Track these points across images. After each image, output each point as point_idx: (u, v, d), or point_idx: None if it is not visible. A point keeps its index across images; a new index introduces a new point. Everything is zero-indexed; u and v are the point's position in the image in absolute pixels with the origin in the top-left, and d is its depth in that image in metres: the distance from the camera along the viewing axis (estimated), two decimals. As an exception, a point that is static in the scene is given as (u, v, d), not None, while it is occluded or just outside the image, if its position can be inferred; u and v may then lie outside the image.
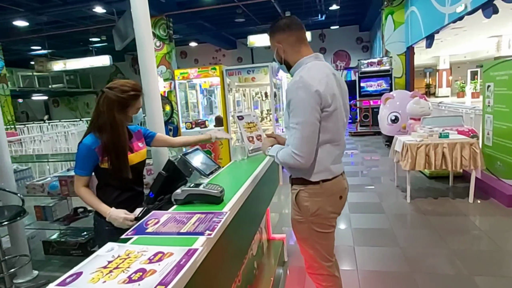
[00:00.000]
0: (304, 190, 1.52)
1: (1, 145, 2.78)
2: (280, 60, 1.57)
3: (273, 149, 1.57)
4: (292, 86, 1.40)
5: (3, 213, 2.47)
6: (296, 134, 1.37)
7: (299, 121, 1.36)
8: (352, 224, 3.37)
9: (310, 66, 1.47)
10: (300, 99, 1.36)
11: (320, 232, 1.56)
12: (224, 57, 16.28)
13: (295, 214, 1.58)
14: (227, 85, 5.45)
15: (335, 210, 1.59)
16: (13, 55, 15.70)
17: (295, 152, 1.37)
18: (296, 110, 1.37)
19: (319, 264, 1.62)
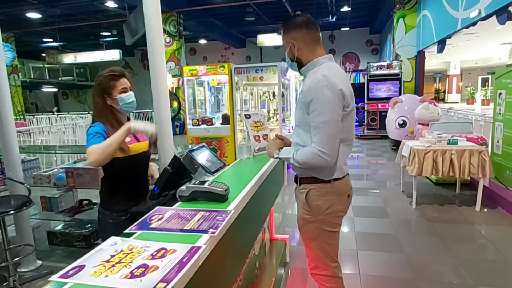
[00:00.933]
0: (315, 189, 1.52)
1: (10, 136, 2.81)
2: (293, 57, 1.55)
3: (285, 151, 1.55)
4: (316, 84, 1.38)
5: (10, 202, 2.50)
6: (322, 132, 1.37)
7: (325, 120, 1.36)
8: (355, 228, 3.35)
9: (328, 66, 1.48)
10: (325, 97, 1.36)
11: (329, 231, 1.57)
12: (233, 56, 16.29)
13: (304, 214, 1.57)
14: (235, 83, 5.44)
15: (344, 209, 1.62)
16: (25, 47, 15.87)
17: (321, 150, 1.36)
18: (322, 109, 1.37)
19: (325, 265, 1.62)
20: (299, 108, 1.52)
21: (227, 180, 1.62)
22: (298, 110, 1.54)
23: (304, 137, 1.50)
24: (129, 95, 1.70)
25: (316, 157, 1.38)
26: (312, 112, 1.40)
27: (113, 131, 1.62)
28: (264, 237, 2.42)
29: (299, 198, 1.60)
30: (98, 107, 1.68)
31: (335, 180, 1.53)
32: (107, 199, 1.76)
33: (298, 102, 1.57)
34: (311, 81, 1.42)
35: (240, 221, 1.27)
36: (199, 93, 6.59)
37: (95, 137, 1.59)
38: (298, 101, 1.58)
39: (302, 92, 1.48)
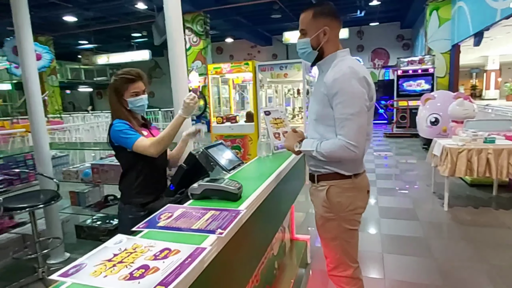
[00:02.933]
0: (335, 186, 1.48)
1: (40, 134, 2.93)
2: (316, 46, 1.45)
3: (306, 143, 1.49)
4: (343, 76, 1.34)
5: (39, 197, 2.60)
6: (352, 124, 1.32)
7: (354, 111, 1.32)
8: (381, 230, 3.20)
9: (350, 59, 1.45)
10: (354, 89, 1.33)
11: (350, 229, 1.52)
12: (259, 54, 16.26)
13: (324, 212, 1.52)
14: (259, 80, 5.40)
15: (364, 205, 1.57)
16: (63, 49, 16.68)
17: (350, 143, 1.32)
18: (350, 101, 1.33)
19: (346, 265, 1.56)
20: (318, 102, 1.47)
21: (243, 178, 1.58)
22: (316, 104, 1.49)
23: (324, 131, 1.45)
24: (139, 99, 1.73)
25: (344, 150, 1.34)
26: (338, 105, 1.35)
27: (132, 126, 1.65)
28: (283, 237, 2.36)
29: (318, 196, 1.54)
30: (113, 104, 1.74)
31: (356, 175, 1.49)
32: (125, 194, 1.78)
33: (315, 95, 1.51)
34: (335, 73, 1.37)
35: (254, 221, 1.22)
36: (224, 91, 6.62)
37: (130, 131, 1.66)
38: (315, 95, 1.52)
39: (323, 85, 1.41)
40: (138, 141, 1.64)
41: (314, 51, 1.47)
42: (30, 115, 2.90)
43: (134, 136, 1.64)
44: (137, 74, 1.73)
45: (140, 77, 1.75)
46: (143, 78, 1.76)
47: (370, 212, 3.60)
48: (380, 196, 4.16)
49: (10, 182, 2.97)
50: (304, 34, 1.47)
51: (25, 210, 2.45)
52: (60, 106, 15.57)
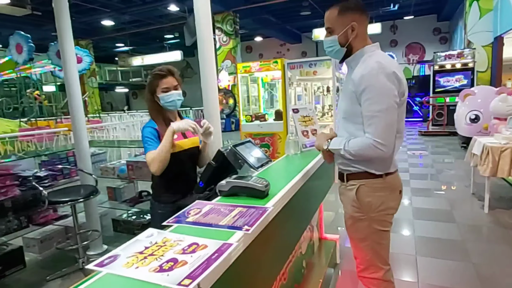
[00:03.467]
0: (365, 185, 1.44)
1: (81, 132, 3.10)
2: (344, 43, 1.41)
3: (335, 142, 1.46)
4: (371, 72, 1.30)
5: (80, 191, 2.76)
6: (379, 122, 1.28)
7: (382, 108, 1.28)
8: (415, 231, 3.08)
9: (379, 54, 1.40)
10: (381, 85, 1.29)
11: (381, 230, 1.48)
12: (288, 52, 16.17)
13: (354, 211, 1.48)
14: (288, 78, 5.37)
15: (396, 206, 1.51)
16: (101, 52, 17.55)
17: (378, 141, 1.28)
18: (378, 97, 1.29)
19: (376, 267, 1.52)
20: (346, 99, 1.44)
21: (271, 175, 1.59)
22: (345, 102, 1.46)
23: (353, 129, 1.42)
24: (169, 94, 1.75)
25: (371, 149, 1.30)
26: (366, 101, 1.31)
27: (161, 127, 1.70)
28: (312, 236, 2.34)
29: (347, 196, 1.51)
30: (148, 102, 1.80)
31: (387, 174, 1.45)
32: (156, 191, 1.85)
33: (344, 93, 1.49)
34: (363, 69, 1.33)
35: (281, 218, 1.23)
36: (253, 89, 6.65)
37: (148, 143, 1.71)
38: (344, 92, 1.49)
39: (350, 82, 1.38)
40: (148, 154, 1.68)
41: (342, 48, 1.43)
42: (71, 115, 3.08)
43: (150, 146, 1.69)
44: (167, 70, 1.77)
45: (171, 73, 1.78)
46: (174, 74, 1.79)
47: (403, 213, 3.47)
48: (414, 197, 4.00)
49: (54, 177, 3.18)
50: (330, 32, 1.43)
51: (66, 203, 2.62)
52: (99, 106, 16.39)
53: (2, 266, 2.70)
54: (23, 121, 9.48)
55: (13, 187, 2.78)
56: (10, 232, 2.88)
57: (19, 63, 7.55)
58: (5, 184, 2.74)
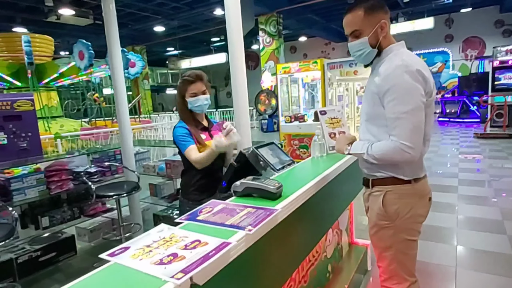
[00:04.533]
0: (392, 191, 1.38)
1: (126, 132, 3.36)
2: (375, 43, 1.34)
3: (356, 146, 1.42)
4: (394, 71, 1.25)
5: (123, 187, 2.99)
6: (406, 123, 1.23)
7: (408, 109, 1.23)
8: (458, 241, 2.87)
9: (404, 52, 1.34)
10: (407, 84, 1.23)
11: (407, 239, 1.41)
12: (333, 51, 15.82)
13: (379, 219, 1.43)
14: (327, 79, 5.29)
15: (425, 214, 1.44)
16: (154, 56, 18.65)
17: (405, 143, 1.22)
18: (403, 97, 1.23)
19: (401, 278, 1.45)
20: (368, 101, 1.40)
21: (290, 177, 1.61)
22: (367, 103, 1.41)
23: (376, 132, 1.38)
24: (196, 99, 1.86)
25: (398, 152, 1.24)
26: (390, 102, 1.26)
27: (191, 127, 1.82)
28: (340, 240, 2.30)
29: (373, 202, 1.46)
30: (178, 104, 1.93)
31: (416, 180, 1.38)
32: (185, 189, 1.96)
33: (366, 94, 1.44)
34: (386, 69, 1.29)
35: (292, 222, 1.24)
36: (294, 90, 6.65)
37: (185, 140, 1.84)
38: (366, 94, 1.44)
39: (373, 83, 1.35)
40: (188, 149, 1.81)
41: (374, 49, 1.36)
42: (118, 116, 3.35)
43: (187, 143, 1.82)
44: (196, 76, 1.88)
45: (199, 78, 1.88)
46: (202, 80, 1.89)
47: (446, 220, 3.25)
48: (461, 204, 3.72)
49: (103, 173, 3.47)
50: (357, 36, 1.36)
51: (111, 198, 2.85)
52: (151, 107, 17.43)
53: (56, 252, 3.02)
54: (85, 121, 10.42)
55: (68, 181, 3.10)
56: (65, 221, 3.20)
57: (81, 69, 8.30)
58: (61, 178, 3.06)
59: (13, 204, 2.74)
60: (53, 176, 3.00)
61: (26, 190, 2.82)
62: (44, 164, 3.03)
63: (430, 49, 13.21)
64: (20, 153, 3.91)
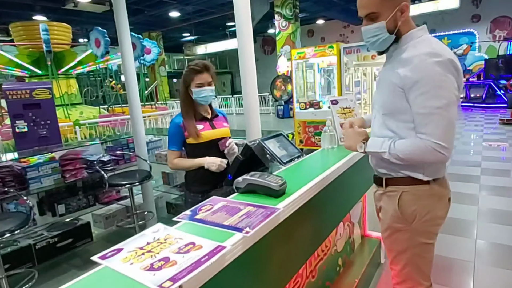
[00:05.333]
0: (409, 192, 1.27)
1: (138, 121, 3.36)
2: (393, 29, 1.20)
3: (374, 144, 1.27)
4: (425, 60, 1.11)
5: (135, 176, 3.01)
6: (440, 120, 1.10)
7: (442, 104, 1.10)
8: (478, 235, 2.75)
9: (430, 39, 1.19)
10: (440, 76, 1.10)
11: (424, 243, 1.30)
12: (352, 34, 15.29)
13: (394, 222, 1.32)
14: (343, 64, 5.10)
15: (444, 216, 1.32)
16: (170, 42, 18.63)
17: (439, 143, 1.09)
18: (436, 91, 1.10)
19: (415, 282, 1.35)
20: (387, 93, 1.24)
21: (298, 171, 1.54)
22: (385, 96, 1.26)
23: (396, 128, 1.24)
24: (202, 90, 1.81)
25: (430, 152, 1.11)
26: (420, 96, 1.12)
27: (187, 121, 1.77)
28: (351, 233, 2.24)
29: (387, 203, 1.34)
30: (181, 94, 1.88)
31: (435, 180, 1.26)
32: (187, 181, 1.96)
33: (382, 86, 1.28)
34: (412, 58, 1.14)
35: (295, 220, 1.19)
36: (309, 75, 6.48)
37: (171, 142, 1.90)
38: (382, 85, 1.28)
39: (393, 73, 1.19)
40: (170, 152, 1.91)
41: (391, 36, 1.21)
42: (129, 105, 3.35)
43: (171, 146, 1.90)
44: (203, 66, 1.82)
45: (207, 69, 1.83)
46: (209, 70, 1.84)
47: (466, 212, 3.12)
48: (482, 195, 3.55)
49: (116, 162, 3.51)
50: (373, 19, 1.21)
51: (124, 186, 2.88)
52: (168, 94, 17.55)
53: (73, 238, 3.11)
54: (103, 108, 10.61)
55: (82, 170, 3.15)
56: (80, 209, 3.28)
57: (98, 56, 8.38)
58: (76, 167, 3.11)
59: (30, 192, 2.81)
60: (68, 165, 3.05)
61: (42, 179, 2.88)
62: (59, 153, 3.08)
63: (455, 31, 12.54)
64: (41, 141, 4.01)
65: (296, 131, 6.03)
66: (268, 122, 11.58)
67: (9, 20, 10.03)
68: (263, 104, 14.45)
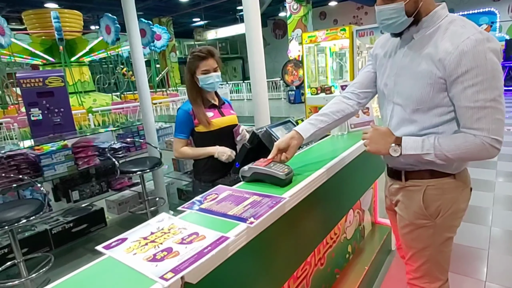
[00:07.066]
0: (434, 186, 1.18)
1: (147, 108, 3.36)
2: (413, 11, 1.06)
3: (413, 144, 1.08)
4: (476, 47, 0.97)
5: (146, 163, 3.04)
6: (494, 114, 1.00)
7: (495, 96, 0.99)
8: (493, 223, 2.69)
9: (464, 20, 1.06)
10: (492, 65, 0.98)
11: (448, 237, 1.23)
12: (366, 16, 14.81)
13: (417, 218, 1.22)
14: (356, 47, 4.96)
15: (466, 207, 1.25)
16: (180, 27, 18.47)
17: (496, 138, 1.00)
18: (490, 82, 0.98)
19: (432, 277, 1.28)
20: (424, 84, 1.08)
21: (306, 159, 1.51)
22: (421, 87, 1.09)
23: (428, 123, 1.12)
24: (208, 76, 1.77)
25: (486, 149, 1.01)
26: (471, 88, 0.99)
27: (196, 108, 1.74)
28: (361, 220, 2.22)
29: (408, 198, 1.24)
30: (187, 81, 1.84)
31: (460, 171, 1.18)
32: (196, 170, 1.94)
33: (416, 74, 1.10)
34: (458, 43, 0.99)
35: (302, 209, 1.17)
36: (321, 59, 6.35)
37: (178, 130, 1.87)
38: (415, 73, 1.10)
39: (429, 61, 1.06)
40: (177, 140, 1.88)
41: (409, 18, 1.07)
42: (138, 92, 3.35)
43: (177, 134, 1.87)
44: (208, 52, 1.78)
45: (211, 54, 1.79)
46: (214, 56, 1.80)
47: (482, 199, 3.04)
48: (499, 182, 3.45)
49: (127, 149, 3.55)
50: None
51: (135, 173, 2.91)
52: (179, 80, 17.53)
53: (88, 223, 3.19)
54: (115, 95, 10.70)
55: (94, 157, 3.20)
56: (94, 195, 3.35)
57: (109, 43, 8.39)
58: (88, 154, 3.16)
59: (44, 179, 2.88)
60: (80, 152, 3.10)
61: (55, 166, 2.94)
62: (71, 141, 3.13)
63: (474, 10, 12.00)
64: (55, 128, 4.10)
65: (307, 116, 5.96)
66: (279, 107, 11.48)
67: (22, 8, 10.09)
68: (274, 90, 14.30)
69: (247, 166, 1.26)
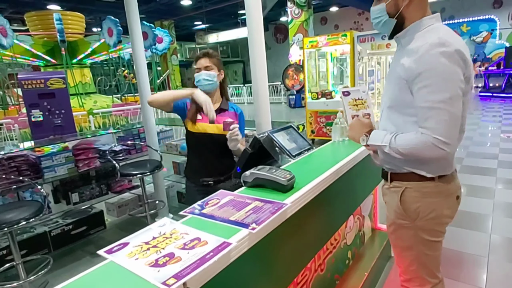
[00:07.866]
0: (412, 188, 1.23)
1: (148, 110, 3.37)
2: (394, 13, 1.15)
3: (376, 136, 1.23)
4: (429, 51, 1.05)
5: (146, 166, 3.04)
6: (441, 115, 1.05)
7: (444, 98, 1.04)
8: (492, 230, 2.68)
9: (440, 28, 1.12)
10: (444, 68, 1.04)
11: (430, 240, 1.26)
12: (366, 21, 14.89)
13: (397, 217, 1.29)
14: (357, 52, 4.98)
15: (451, 214, 1.27)
16: (182, 31, 18.56)
17: (439, 139, 1.04)
18: (439, 84, 1.04)
19: (422, 280, 1.32)
20: (394, 85, 1.19)
21: (307, 165, 1.52)
22: (392, 87, 1.21)
23: (398, 121, 1.21)
24: (198, 75, 1.85)
25: (430, 148, 1.07)
26: (422, 89, 1.07)
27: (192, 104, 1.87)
28: (361, 226, 2.22)
29: (390, 198, 1.31)
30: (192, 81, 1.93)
31: (441, 177, 1.21)
32: (185, 168, 2.02)
33: (390, 77, 1.24)
34: (417, 48, 1.08)
35: (303, 215, 1.17)
36: (322, 64, 6.37)
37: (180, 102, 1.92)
38: (390, 76, 1.24)
39: (399, 64, 1.15)
40: None
41: (391, 19, 1.16)
42: (139, 94, 3.35)
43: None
44: (203, 53, 1.88)
45: (206, 54, 1.87)
46: (208, 56, 1.87)
47: (481, 206, 3.04)
48: (499, 189, 3.45)
49: (128, 152, 3.55)
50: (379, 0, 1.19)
51: (135, 176, 2.91)
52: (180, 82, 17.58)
53: (87, 226, 3.18)
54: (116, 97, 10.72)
55: (94, 159, 3.19)
56: (93, 197, 3.34)
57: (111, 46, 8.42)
58: (88, 156, 3.16)
59: (44, 180, 2.87)
60: (81, 155, 3.09)
61: (56, 168, 2.94)
62: (71, 143, 3.13)
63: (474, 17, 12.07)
64: (56, 129, 4.10)
65: (308, 121, 5.97)
66: (279, 111, 11.49)
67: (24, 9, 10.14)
68: (275, 94, 14.34)
69: (249, 172, 1.26)
